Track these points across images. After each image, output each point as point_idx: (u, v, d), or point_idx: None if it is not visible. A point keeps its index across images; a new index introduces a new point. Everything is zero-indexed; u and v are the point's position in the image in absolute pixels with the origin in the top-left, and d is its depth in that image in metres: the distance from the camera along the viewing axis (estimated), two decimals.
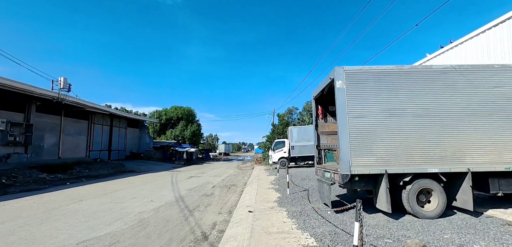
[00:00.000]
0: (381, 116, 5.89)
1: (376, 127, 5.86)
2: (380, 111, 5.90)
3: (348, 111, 5.84)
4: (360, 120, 5.85)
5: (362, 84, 5.95)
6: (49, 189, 12.47)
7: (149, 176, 19.01)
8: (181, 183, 14.50)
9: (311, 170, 19.01)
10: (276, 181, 13.31)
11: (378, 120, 5.87)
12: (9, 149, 17.70)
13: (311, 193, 9.45)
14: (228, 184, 14.16)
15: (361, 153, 5.79)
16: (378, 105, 5.91)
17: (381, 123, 5.87)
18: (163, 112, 45.15)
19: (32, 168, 16.95)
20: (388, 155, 5.82)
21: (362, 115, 5.87)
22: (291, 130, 22.96)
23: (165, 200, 9.50)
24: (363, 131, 5.83)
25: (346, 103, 5.86)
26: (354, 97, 5.89)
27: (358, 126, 5.83)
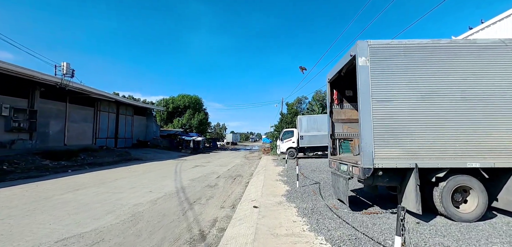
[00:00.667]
0: (411, 100, 4.93)
1: (405, 113, 4.92)
2: (410, 93, 4.94)
3: (372, 94, 4.91)
4: (386, 104, 4.92)
5: (389, 61, 4.99)
6: (48, 176, 12.07)
7: (154, 164, 18.54)
8: (184, 173, 13.90)
9: (321, 161, 18.12)
10: (284, 172, 12.52)
11: (408, 104, 4.93)
12: (13, 136, 17.47)
13: (323, 187, 8.62)
14: (234, 175, 13.47)
15: (386, 144, 4.89)
16: (408, 87, 4.95)
17: (411, 108, 4.92)
18: (170, 101, 44.75)
19: (36, 155, 16.70)
20: (419, 146, 4.89)
21: (388, 98, 4.93)
22: (300, 119, 22.01)
23: (165, 191, 8.86)
24: (390, 118, 4.91)
25: (369, 84, 4.92)
26: (379, 77, 4.95)
27: (384, 112, 4.91)
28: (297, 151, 22.00)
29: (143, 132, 35.76)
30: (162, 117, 45.10)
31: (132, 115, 33.20)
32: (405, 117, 4.90)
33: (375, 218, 5.23)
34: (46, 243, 4.41)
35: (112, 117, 29.06)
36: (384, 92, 4.92)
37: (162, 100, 44.65)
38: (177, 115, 44.99)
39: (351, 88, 7.39)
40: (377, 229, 4.63)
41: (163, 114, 44.87)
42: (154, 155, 26.42)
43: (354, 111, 7.47)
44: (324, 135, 21.25)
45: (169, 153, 30.61)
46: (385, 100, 4.91)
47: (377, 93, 4.91)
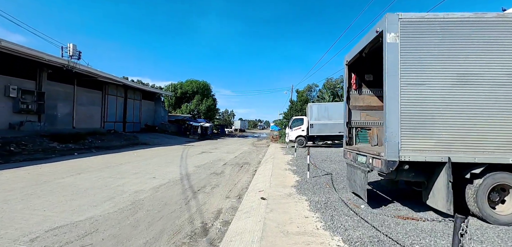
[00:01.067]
0: (447, 83, 4.25)
1: (438, 98, 4.25)
2: (446, 76, 4.25)
3: (401, 76, 4.25)
4: (417, 88, 4.26)
5: (422, 37, 4.28)
6: (54, 159, 11.94)
7: (160, 149, 18.34)
8: (190, 159, 13.57)
9: (331, 150, 17.49)
10: (293, 161, 11.99)
11: (442, 88, 4.25)
12: (21, 117, 17.49)
13: (335, 178, 8.06)
14: (241, 162, 13.05)
15: (415, 134, 4.25)
16: (444, 68, 4.25)
17: (446, 93, 4.24)
18: (178, 86, 44.49)
19: (44, 137, 16.69)
20: (454, 137, 4.24)
21: (420, 81, 4.26)
22: (310, 106, 21.27)
23: (169, 178, 8.49)
24: (420, 103, 4.25)
25: (398, 64, 4.25)
26: (410, 56, 4.27)
27: (414, 96, 4.25)
28: (306, 140, 21.39)
29: (151, 117, 35.74)
30: (170, 102, 45.02)
31: (140, 99, 33.10)
32: (439, 103, 4.24)
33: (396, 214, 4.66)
34: (35, 232, 4.06)
35: (120, 101, 28.99)
36: (415, 73, 4.25)
37: (170, 85, 44.46)
38: (185, 101, 44.81)
39: (372, 72, 6.69)
40: (401, 230, 4.07)
41: (171, 99, 44.75)
42: (162, 140, 26.32)
43: (374, 98, 6.80)
44: (335, 124, 20.54)
45: (176, 138, 30.52)
46: (416, 83, 4.25)
47: (407, 75, 4.25)
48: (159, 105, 37.67)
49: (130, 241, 3.94)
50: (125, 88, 29.58)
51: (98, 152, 15.16)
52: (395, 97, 4.26)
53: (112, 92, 27.49)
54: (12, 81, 16.90)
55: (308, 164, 8.26)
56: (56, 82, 20.26)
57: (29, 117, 18.04)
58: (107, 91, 26.58)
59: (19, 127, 17.13)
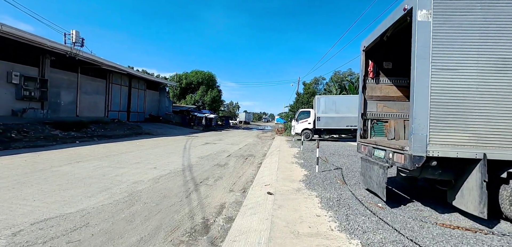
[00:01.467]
0: (485, 70, 3.69)
1: (475, 86, 3.71)
2: (485, 61, 3.69)
3: (432, 59, 3.71)
4: (450, 74, 3.71)
5: (460, 15, 3.71)
6: (54, 146, 11.67)
7: (164, 139, 18.03)
8: (194, 150, 13.20)
9: (339, 144, 16.95)
10: (300, 154, 11.52)
11: (480, 75, 3.70)
12: (24, 104, 17.30)
13: (346, 173, 7.56)
14: (245, 154, 12.62)
15: (446, 126, 3.73)
16: (484, 52, 3.69)
17: (484, 81, 3.69)
18: (183, 76, 44.09)
19: (46, 124, 16.49)
20: (491, 131, 3.71)
21: (455, 65, 3.71)
22: (318, 99, 20.67)
23: (171, 168, 8.11)
24: (454, 91, 3.72)
25: (430, 45, 3.70)
26: (444, 37, 3.71)
27: (447, 83, 3.71)
28: (312, 133, 20.86)
29: (155, 107, 35.51)
30: (175, 92, 44.72)
31: (145, 89, 32.82)
32: (475, 91, 3.69)
33: (418, 216, 4.18)
34: (19, 225, 3.69)
35: (124, 90, 28.73)
36: (449, 57, 3.70)
37: (175, 75, 44.06)
38: (190, 92, 44.45)
39: (391, 59, 6.13)
40: (427, 234, 3.60)
41: (176, 89, 44.43)
42: (166, 130, 26.06)
43: (392, 87, 6.25)
44: (342, 117, 19.94)
45: (180, 129, 30.26)
46: (449, 68, 3.70)
47: (439, 58, 3.70)
48: (163, 95, 37.38)
49: (122, 237, 3.54)
50: (130, 77, 29.27)
51: (100, 141, 14.89)
52: (425, 83, 3.72)
53: (116, 81, 27.21)
54: (15, 67, 16.66)
55: (317, 158, 7.77)
56: (59, 70, 19.99)
57: (32, 104, 17.85)
58: (111, 80, 26.31)
59: (21, 114, 16.96)
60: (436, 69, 3.69)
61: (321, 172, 7.58)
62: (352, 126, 19.94)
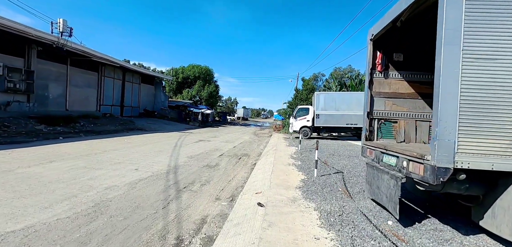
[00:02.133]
0: None
1: None
2: None
3: (464, 44, 2.91)
4: (487, 65, 2.93)
5: None
6: (34, 143, 10.85)
7: (155, 136, 17.22)
8: (185, 148, 12.41)
9: (338, 143, 16.19)
10: (298, 155, 10.75)
11: None
12: (8, 97, 16.39)
13: (347, 178, 6.80)
14: (239, 153, 11.85)
15: (480, 130, 2.95)
16: None
17: None
18: (180, 70, 43.10)
19: (31, 119, 15.65)
20: None
21: (493, 54, 2.92)
22: (317, 95, 19.88)
23: (154, 170, 7.32)
24: (492, 87, 2.93)
25: (462, 27, 2.90)
26: (481, 16, 2.92)
27: (483, 76, 2.93)
28: (311, 131, 20.11)
29: (150, 102, 34.61)
30: (171, 87, 43.77)
31: (139, 83, 31.90)
32: None
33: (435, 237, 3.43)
34: None
35: (117, 84, 27.82)
36: (487, 42, 2.91)
37: (171, 69, 43.03)
38: (186, 86, 43.52)
39: (402, 50, 5.33)
40: None
41: (172, 84, 43.48)
42: (160, 126, 25.24)
43: (403, 83, 5.46)
44: (342, 115, 19.19)
45: (176, 124, 29.45)
46: (486, 56, 2.91)
47: (473, 44, 2.91)
48: (159, 89, 36.47)
49: None
50: (123, 71, 28.33)
51: (86, 137, 14.08)
52: (453, 76, 2.93)
53: (109, 74, 26.28)
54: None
55: (316, 161, 6.99)
56: (47, 61, 19.05)
57: (17, 97, 16.94)
58: (103, 72, 25.37)
59: (5, 108, 16.07)
60: (469, 58, 2.90)
61: (320, 176, 6.82)
62: (352, 124, 19.22)
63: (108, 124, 20.63)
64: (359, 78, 33.05)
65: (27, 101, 17.60)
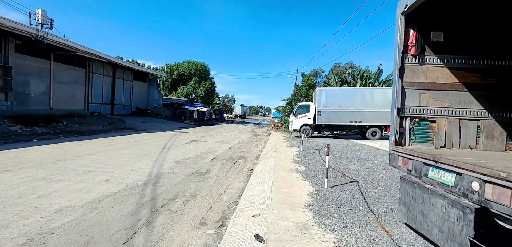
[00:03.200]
0: None
1: None
2: None
3: None
4: None
5: None
6: None
7: (144, 136, 15.89)
8: (174, 150, 11.11)
9: (342, 142, 14.96)
10: (301, 158, 9.50)
11: None
12: None
13: (365, 190, 5.55)
14: (235, 156, 10.58)
15: None
16: None
17: None
18: (174, 67, 41.61)
19: (7, 118, 14.26)
20: None
21: None
22: (319, 92, 18.62)
23: (129, 181, 6.03)
24: None
25: None
26: None
27: None
28: (312, 129, 18.88)
29: (144, 100, 33.21)
30: (165, 84, 42.30)
31: (131, 80, 30.47)
32: None
33: None
34: None
35: (107, 81, 26.38)
36: None
37: (165, 66, 41.51)
38: (181, 83, 42.08)
39: (442, 28, 4.07)
40: None
41: (167, 81, 42.00)
42: (152, 125, 23.91)
43: (443, 70, 4.19)
44: (346, 112, 17.99)
45: (170, 123, 28.12)
46: None
47: None
48: (152, 87, 35.06)
49: None
50: (113, 67, 26.89)
51: (65, 138, 12.73)
52: None
53: (97, 70, 24.84)
54: None
55: (326, 169, 5.72)
56: (26, 56, 17.62)
57: None
58: (91, 69, 23.93)
59: None
60: None
61: (331, 188, 5.56)
62: (356, 122, 18.03)
63: (95, 123, 19.27)
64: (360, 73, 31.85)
65: (4, 99, 16.19)
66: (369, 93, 18.10)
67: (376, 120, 17.86)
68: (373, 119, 17.88)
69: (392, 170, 7.04)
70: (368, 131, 18.08)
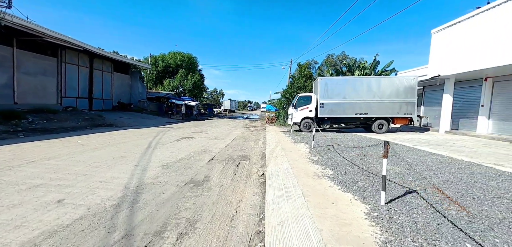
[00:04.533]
0: None
1: None
2: None
3: None
4: None
5: None
6: None
7: (126, 133, 13.73)
8: (161, 149, 9.13)
9: (351, 137, 13.41)
10: (317, 156, 7.79)
11: None
12: None
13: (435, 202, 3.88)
14: (236, 156, 8.75)
15: None
16: None
17: None
18: (159, 58, 38.80)
19: None
20: None
21: None
22: (321, 81, 16.96)
23: (93, 203, 4.10)
24: None
25: None
26: None
27: None
28: (314, 123, 17.25)
29: (126, 94, 30.53)
30: (150, 77, 39.48)
31: (112, 71, 27.75)
32: None
33: None
34: None
35: (84, 72, 23.65)
36: None
37: (149, 57, 38.57)
38: (167, 76, 39.40)
39: None
40: None
41: (152, 74, 39.18)
42: (136, 120, 21.58)
43: None
44: (351, 104, 16.48)
45: (155, 118, 25.81)
46: None
47: None
48: (136, 80, 32.35)
49: None
50: (90, 56, 24.12)
51: (26, 138, 10.43)
52: None
53: (72, 60, 22.10)
54: None
55: (383, 177, 3.99)
56: None
57: None
58: (64, 58, 21.19)
59: None
60: None
61: (387, 204, 3.87)
62: (361, 114, 16.56)
63: (69, 119, 16.82)
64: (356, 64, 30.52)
65: None
66: (375, 82, 16.64)
67: (383, 112, 16.48)
68: (380, 111, 16.49)
69: (459, 172, 5.48)
70: (374, 124, 16.69)
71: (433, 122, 18.84)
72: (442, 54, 15.84)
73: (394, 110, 16.47)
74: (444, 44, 15.74)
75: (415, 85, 16.26)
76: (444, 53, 15.69)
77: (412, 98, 16.29)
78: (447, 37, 15.50)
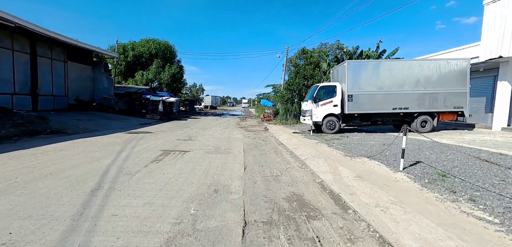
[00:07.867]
0: None
1: None
2: None
3: None
4: None
5: None
6: None
7: (72, 147, 8.65)
8: (124, 197, 4.42)
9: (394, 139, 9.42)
10: (433, 193, 3.58)
11: None
12: None
13: None
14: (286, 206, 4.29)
15: None
16: None
17: None
18: (129, 47, 32.69)
19: None
20: None
21: None
22: (349, 66, 12.88)
23: None
24: None
25: None
26: None
27: None
28: (340, 121, 13.19)
29: (87, 89, 24.59)
30: (118, 69, 33.23)
31: (65, 61, 21.76)
32: None
33: None
34: None
35: (23, 60, 17.65)
36: None
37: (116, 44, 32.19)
38: (140, 68, 33.45)
39: None
40: None
41: (120, 65, 32.97)
42: (97, 123, 16.21)
43: None
44: (388, 95, 12.59)
45: (125, 119, 20.42)
46: None
47: None
48: (100, 72, 26.36)
49: None
50: (31, 39, 18.08)
51: None
52: None
53: (1, 42, 16.09)
54: None
55: None
56: None
57: None
58: None
59: None
60: None
61: None
62: (401, 109, 12.76)
63: None
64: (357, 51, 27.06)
65: None
66: (418, 66, 12.88)
67: (427, 105, 12.82)
68: (424, 104, 12.81)
69: None
70: (416, 121, 12.96)
71: (475, 117, 15.63)
72: (503, 30, 12.39)
73: (441, 103, 12.85)
74: (505, 14, 12.30)
75: (467, 69, 12.73)
76: (506, 28, 12.25)
77: (464, 87, 12.76)
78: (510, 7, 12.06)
